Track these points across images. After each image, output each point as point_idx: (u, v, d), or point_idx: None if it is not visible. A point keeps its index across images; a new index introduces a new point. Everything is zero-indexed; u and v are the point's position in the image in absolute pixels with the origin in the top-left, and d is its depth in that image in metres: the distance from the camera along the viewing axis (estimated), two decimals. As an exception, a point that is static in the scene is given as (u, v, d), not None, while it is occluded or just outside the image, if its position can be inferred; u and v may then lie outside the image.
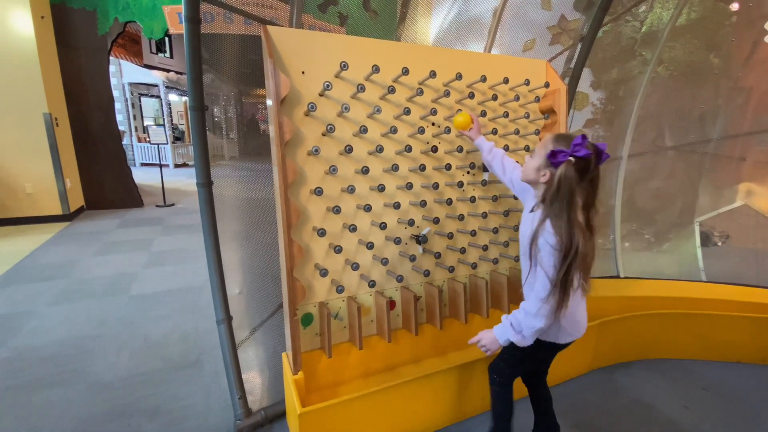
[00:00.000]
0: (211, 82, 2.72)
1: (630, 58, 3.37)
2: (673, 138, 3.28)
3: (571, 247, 1.04)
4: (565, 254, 1.05)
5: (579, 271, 1.09)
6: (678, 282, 2.38)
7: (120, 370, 2.01)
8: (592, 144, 1.07)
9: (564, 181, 1.05)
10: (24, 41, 4.30)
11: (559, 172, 1.06)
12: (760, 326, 2.04)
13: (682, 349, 2.08)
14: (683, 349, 2.07)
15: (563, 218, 1.06)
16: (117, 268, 3.46)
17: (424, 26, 4.20)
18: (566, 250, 1.05)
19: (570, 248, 1.04)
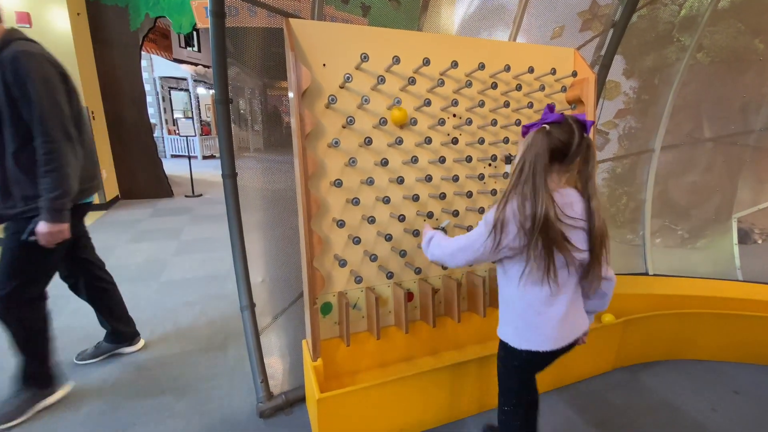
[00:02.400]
0: (236, 75, 2.78)
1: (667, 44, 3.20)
2: (712, 129, 3.11)
3: (536, 217, 0.97)
4: (530, 224, 0.98)
5: (566, 257, 1.01)
6: (712, 281, 2.27)
7: (152, 351, 2.12)
8: (569, 115, 1.02)
9: (529, 146, 1.00)
10: (61, 38, 4.52)
11: (525, 140, 1.02)
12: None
13: (713, 350, 1.99)
14: (714, 350, 1.99)
15: (528, 186, 0.98)
16: (149, 255, 3.62)
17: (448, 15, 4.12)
18: (532, 219, 0.97)
19: (535, 217, 0.97)
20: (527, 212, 0.98)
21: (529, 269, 1.03)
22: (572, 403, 1.73)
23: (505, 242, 1.02)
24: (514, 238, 1.01)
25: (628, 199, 3.49)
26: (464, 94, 1.67)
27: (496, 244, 1.02)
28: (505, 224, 1.01)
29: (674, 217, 3.43)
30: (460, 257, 1.14)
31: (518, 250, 1.03)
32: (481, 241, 1.05)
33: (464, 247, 1.12)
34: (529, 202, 0.98)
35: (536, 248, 0.99)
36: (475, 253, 1.08)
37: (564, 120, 1.00)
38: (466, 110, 1.68)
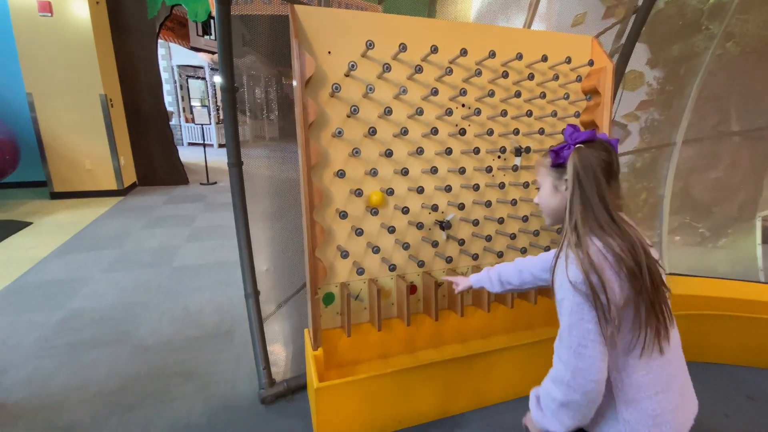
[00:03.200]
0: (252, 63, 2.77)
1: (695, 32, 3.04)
2: (739, 123, 2.95)
3: (634, 251, 0.75)
4: (631, 264, 0.74)
5: (649, 311, 0.76)
6: (730, 281, 2.17)
7: (161, 334, 2.17)
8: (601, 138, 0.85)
9: (582, 168, 0.79)
10: (81, 26, 4.59)
11: (572, 162, 0.81)
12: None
13: (729, 353, 1.92)
14: (731, 353, 1.92)
15: (603, 215, 0.77)
16: (162, 241, 3.70)
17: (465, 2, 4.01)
18: (631, 254, 0.75)
19: (633, 252, 0.75)
20: (616, 248, 0.75)
21: (640, 334, 0.76)
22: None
23: (613, 299, 0.73)
24: (618, 290, 0.74)
25: (647, 194, 3.37)
26: (473, 83, 1.62)
27: (605, 307, 0.72)
28: (601, 271, 0.74)
29: (696, 215, 3.30)
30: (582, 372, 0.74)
31: (623, 307, 0.76)
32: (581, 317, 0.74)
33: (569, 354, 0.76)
34: (614, 233, 0.77)
35: (644, 299, 0.75)
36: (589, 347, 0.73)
37: (596, 137, 0.84)
38: (475, 100, 1.64)
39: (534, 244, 1.84)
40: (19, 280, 2.76)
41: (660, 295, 0.77)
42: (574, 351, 0.75)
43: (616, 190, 0.83)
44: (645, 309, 0.76)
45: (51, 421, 1.51)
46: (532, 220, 1.82)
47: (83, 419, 1.53)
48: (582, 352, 0.74)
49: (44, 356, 1.92)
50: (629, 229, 0.79)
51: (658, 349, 0.78)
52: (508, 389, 1.72)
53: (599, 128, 1.80)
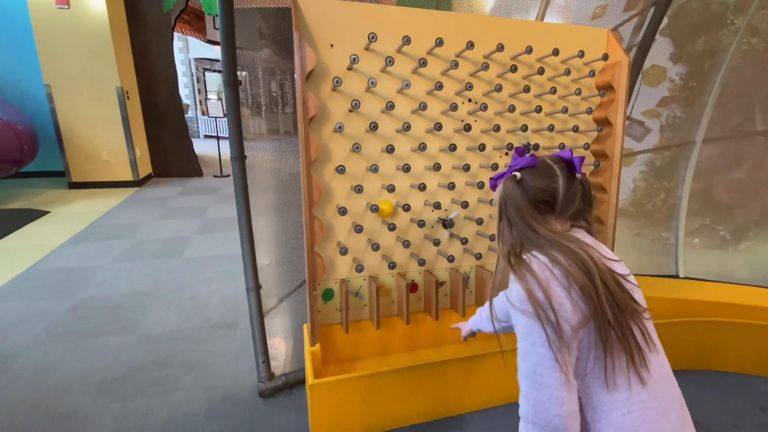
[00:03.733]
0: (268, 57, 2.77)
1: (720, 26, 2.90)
2: (765, 121, 2.82)
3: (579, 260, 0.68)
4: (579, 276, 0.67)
5: (611, 333, 0.67)
6: (747, 287, 2.08)
7: (167, 324, 2.20)
8: (547, 156, 0.81)
9: (506, 198, 0.78)
10: (98, 18, 4.67)
11: (497, 193, 0.80)
12: None
13: (741, 362, 1.84)
14: (743, 362, 1.83)
15: (534, 235, 0.74)
16: (174, 232, 3.76)
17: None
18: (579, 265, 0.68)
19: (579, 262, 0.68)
20: (563, 261, 0.69)
21: (607, 361, 0.67)
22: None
23: (565, 316, 0.66)
24: (570, 307, 0.67)
25: (666, 194, 3.25)
26: (480, 78, 1.57)
27: (555, 326, 0.65)
28: (546, 286, 0.67)
29: (717, 216, 3.17)
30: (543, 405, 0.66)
31: (578, 328, 0.67)
32: (533, 341, 0.67)
33: (528, 385, 0.69)
34: (557, 250, 0.71)
35: (604, 319, 0.66)
36: (545, 375, 0.66)
37: (539, 163, 0.79)
38: (482, 95, 1.59)
39: (541, 245, 1.80)
40: (34, 267, 2.84)
41: (627, 315, 0.68)
42: (531, 381, 0.67)
43: (563, 217, 0.79)
44: (606, 331, 0.66)
45: (52, 407, 1.55)
46: (539, 220, 1.77)
47: (84, 406, 1.56)
48: (539, 382, 0.66)
49: (52, 343, 1.98)
50: (577, 244, 0.71)
51: (638, 380, 0.67)
52: (509, 392, 1.69)
53: (612, 125, 1.73)
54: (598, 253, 0.72)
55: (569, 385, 0.65)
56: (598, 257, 0.70)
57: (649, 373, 0.68)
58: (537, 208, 0.77)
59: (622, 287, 0.70)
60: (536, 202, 0.77)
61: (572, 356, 0.67)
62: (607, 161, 1.76)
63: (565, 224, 0.80)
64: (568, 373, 0.65)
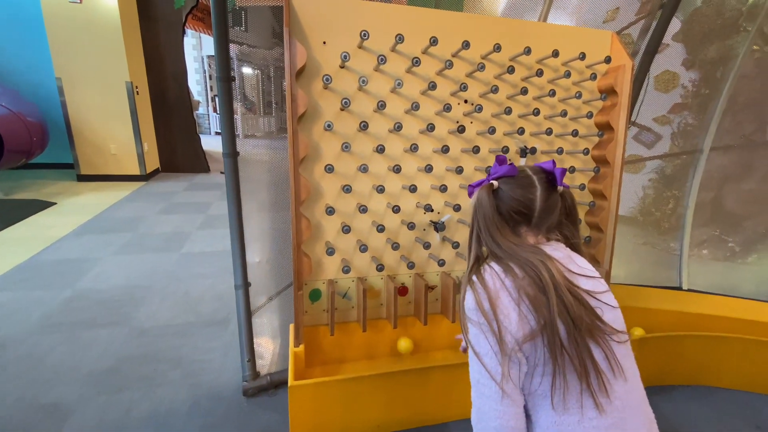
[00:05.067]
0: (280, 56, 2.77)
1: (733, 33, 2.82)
2: (777, 131, 2.73)
3: (535, 273, 0.66)
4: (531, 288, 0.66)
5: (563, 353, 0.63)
6: (751, 301, 2.00)
7: (159, 319, 2.20)
8: (527, 167, 0.80)
9: (477, 206, 0.77)
10: (109, 14, 4.73)
11: (472, 201, 0.80)
12: None
13: (740, 379, 1.76)
14: (741, 379, 1.76)
15: (497, 246, 0.73)
16: (175, 226, 3.78)
17: (491, 0, 3.84)
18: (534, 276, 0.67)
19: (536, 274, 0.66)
20: (517, 272, 0.68)
21: (555, 381, 0.63)
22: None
23: (509, 328, 0.65)
24: (516, 319, 0.65)
25: (675, 203, 3.17)
26: (476, 78, 1.54)
27: (497, 338, 0.64)
28: (495, 296, 0.67)
29: (727, 227, 3.08)
30: (482, 414, 0.67)
31: (528, 345, 0.65)
32: (478, 350, 0.67)
33: (473, 392, 0.69)
34: (515, 259, 0.70)
35: (555, 330, 0.63)
36: (486, 385, 0.65)
37: (518, 173, 0.78)
38: (478, 96, 1.55)
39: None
40: (34, 257, 2.88)
41: (584, 333, 0.64)
42: (476, 390, 0.68)
43: (538, 229, 0.77)
44: (556, 348, 0.63)
45: (38, 398, 1.55)
46: (534, 226, 1.73)
47: (69, 398, 1.56)
48: (481, 391, 0.66)
49: (45, 333, 1.99)
50: (539, 256, 0.69)
51: (592, 404, 0.63)
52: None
53: (614, 130, 1.68)
54: (564, 266, 0.70)
55: (509, 399, 0.64)
56: (558, 270, 0.67)
57: (609, 399, 0.64)
58: (511, 218, 0.76)
59: (584, 303, 0.66)
60: (511, 213, 0.76)
61: (516, 370, 0.65)
62: (607, 167, 1.71)
63: (540, 237, 0.78)
64: (507, 387, 0.64)
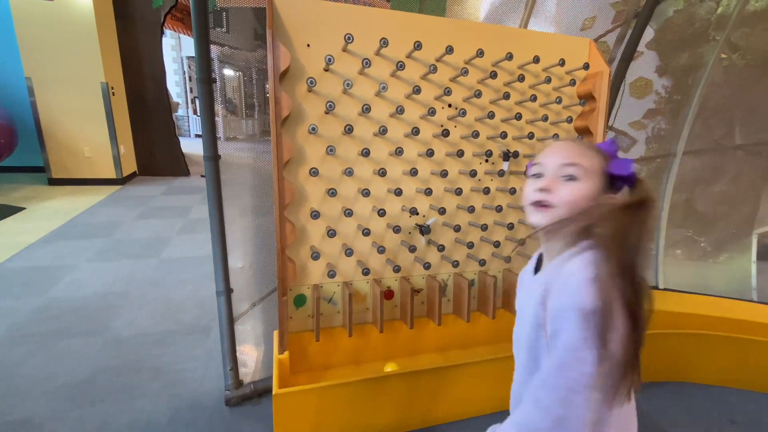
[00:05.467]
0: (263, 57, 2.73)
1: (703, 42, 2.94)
2: (742, 136, 2.86)
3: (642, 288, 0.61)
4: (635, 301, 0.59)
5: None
6: (723, 299, 2.09)
7: (137, 327, 2.13)
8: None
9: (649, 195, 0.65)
10: (83, 11, 4.57)
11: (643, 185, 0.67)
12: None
13: (715, 374, 1.83)
14: (717, 374, 1.83)
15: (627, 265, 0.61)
16: (154, 231, 3.67)
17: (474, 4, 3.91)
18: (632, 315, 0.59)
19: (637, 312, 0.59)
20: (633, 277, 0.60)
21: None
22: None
23: (613, 338, 0.59)
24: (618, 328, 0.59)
25: (652, 205, 3.29)
26: (460, 83, 1.55)
27: (603, 347, 0.58)
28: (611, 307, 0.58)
29: (699, 228, 3.20)
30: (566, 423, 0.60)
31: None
32: (581, 357, 0.58)
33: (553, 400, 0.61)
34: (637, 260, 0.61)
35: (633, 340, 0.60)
36: (582, 395, 0.59)
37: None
38: (462, 100, 1.57)
39: (521, 253, 1.78)
40: (2, 265, 2.74)
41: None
42: (562, 398, 0.59)
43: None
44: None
45: (6, 413, 1.47)
46: (518, 228, 1.75)
47: (41, 413, 1.49)
48: (572, 400, 0.58)
49: (15, 345, 1.89)
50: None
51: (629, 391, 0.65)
52: (486, 403, 1.66)
53: (594, 135, 1.73)
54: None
55: (598, 410, 0.59)
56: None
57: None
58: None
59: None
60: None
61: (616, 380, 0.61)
62: (586, 171, 1.75)
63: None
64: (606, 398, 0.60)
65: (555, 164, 0.70)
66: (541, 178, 0.72)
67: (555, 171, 0.70)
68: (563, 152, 0.70)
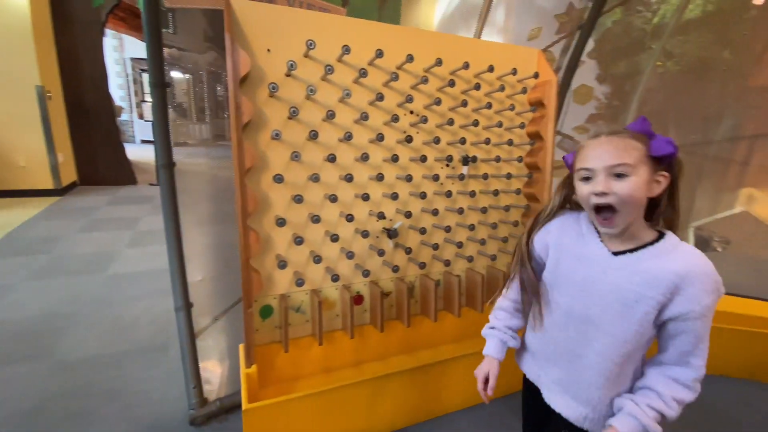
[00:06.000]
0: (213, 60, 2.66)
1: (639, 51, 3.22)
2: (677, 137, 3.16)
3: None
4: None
5: None
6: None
7: (87, 349, 1.98)
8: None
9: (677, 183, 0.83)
10: (17, 11, 4.19)
11: (679, 161, 0.81)
12: (753, 340, 1.96)
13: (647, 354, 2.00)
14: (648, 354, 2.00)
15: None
16: (100, 245, 3.43)
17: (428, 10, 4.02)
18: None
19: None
20: None
21: None
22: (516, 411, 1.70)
23: None
24: None
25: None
26: (421, 90, 1.60)
27: None
28: None
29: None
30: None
31: None
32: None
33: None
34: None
35: None
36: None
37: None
38: (423, 107, 1.61)
39: (482, 253, 1.85)
40: None
41: None
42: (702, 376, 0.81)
43: None
44: None
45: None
46: (479, 229, 1.82)
47: (-23, 451, 1.35)
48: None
49: (-59, 378, 1.70)
50: None
51: None
52: (456, 399, 1.70)
53: (544, 139, 1.83)
54: None
55: None
56: None
57: None
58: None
59: None
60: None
61: None
62: (539, 173, 1.86)
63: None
64: None
65: (602, 166, 0.76)
66: (592, 181, 0.79)
67: (605, 171, 0.76)
68: (607, 154, 0.76)
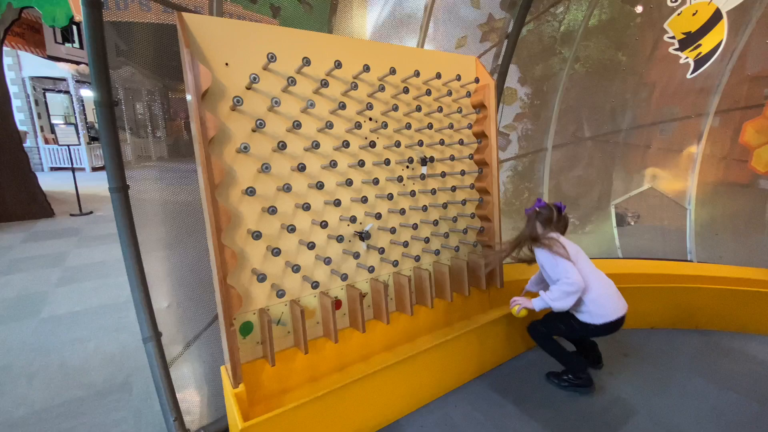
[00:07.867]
0: (130, 76, 2.50)
1: (551, 55, 3.62)
2: (590, 129, 3.59)
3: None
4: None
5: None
6: (598, 260, 2.61)
7: (33, 403, 1.76)
8: (551, 204, 1.84)
9: (528, 221, 1.84)
10: None
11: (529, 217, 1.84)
12: (669, 295, 2.31)
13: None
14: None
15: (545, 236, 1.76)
16: (23, 288, 3.03)
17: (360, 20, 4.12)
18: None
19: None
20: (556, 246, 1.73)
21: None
22: (495, 387, 1.84)
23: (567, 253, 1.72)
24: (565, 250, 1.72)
25: (529, 193, 3.89)
26: (378, 98, 1.68)
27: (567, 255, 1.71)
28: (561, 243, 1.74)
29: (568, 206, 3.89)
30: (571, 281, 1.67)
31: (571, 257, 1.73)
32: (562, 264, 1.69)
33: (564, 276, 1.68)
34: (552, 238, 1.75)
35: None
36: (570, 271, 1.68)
37: (546, 205, 1.84)
38: (381, 114, 1.70)
39: (445, 246, 1.97)
40: None
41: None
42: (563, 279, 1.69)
43: (558, 226, 1.82)
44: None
45: None
46: (441, 224, 1.94)
47: None
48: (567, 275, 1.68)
49: None
50: (557, 237, 1.77)
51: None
52: (437, 386, 1.79)
53: (488, 137, 2.00)
54: (563, 239, 1.78)
55: (575, 271, 1.68)
56: (563, 240, 1.77)
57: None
58: (543, 223, 1.81)
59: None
60: (544, 221, 1.80)
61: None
62: (487, 168, 2.03)
63: (554, 231, 1.81)
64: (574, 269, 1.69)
65: None
66: None
67: None
68: None
